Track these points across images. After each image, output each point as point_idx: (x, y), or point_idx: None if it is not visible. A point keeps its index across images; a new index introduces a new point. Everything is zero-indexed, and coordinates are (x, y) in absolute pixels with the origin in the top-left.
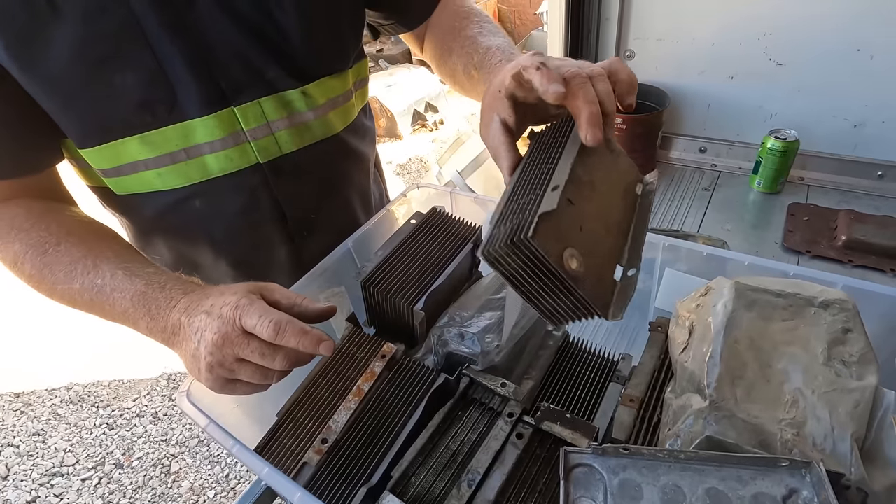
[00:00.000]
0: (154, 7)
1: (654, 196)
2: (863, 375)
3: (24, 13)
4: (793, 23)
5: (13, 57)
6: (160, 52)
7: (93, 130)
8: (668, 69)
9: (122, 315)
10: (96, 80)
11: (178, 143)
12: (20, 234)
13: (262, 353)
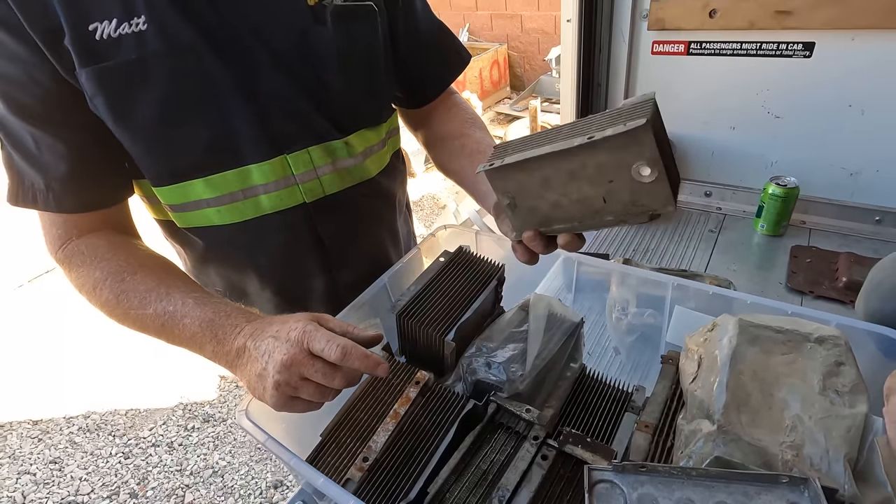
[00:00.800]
0: (225, 71)
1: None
2: (854, 404)
3: (123, 77)
4: (788, 80)
5: (110, 110)
6: (227, 108)
7: (166, 172)
8: (673, 119)
9: (190, 339)
10: (174, 132)
11: (236, 185)
12: (101, 263)
13: (324, 373)
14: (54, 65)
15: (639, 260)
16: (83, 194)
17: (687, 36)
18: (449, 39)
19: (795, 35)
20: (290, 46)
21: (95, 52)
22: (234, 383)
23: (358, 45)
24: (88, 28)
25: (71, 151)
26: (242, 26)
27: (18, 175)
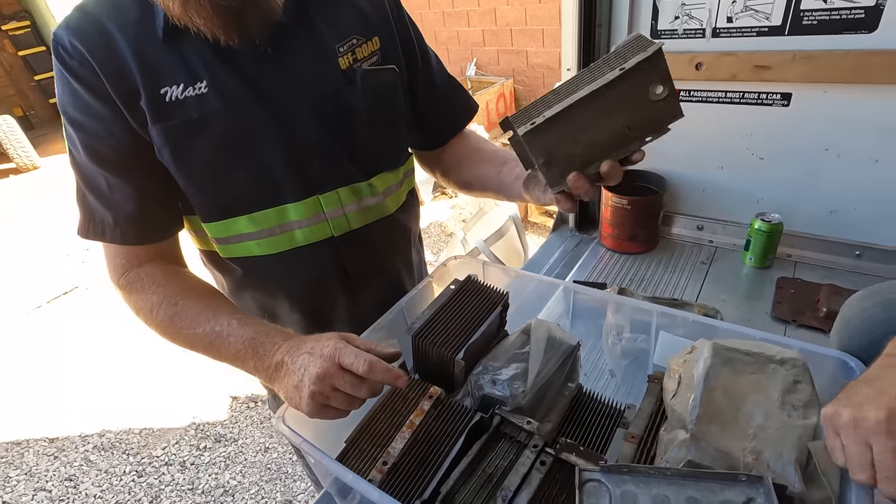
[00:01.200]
0: (271, 127)
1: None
2: (807, 416)
3: (186, 132)
4: (769, 126)
5: (174, 160)
6: (271, 157)
7: (216, 211)
8: (666, 159)
9: (234, 356)
10: (225, 178)
11: (275, 220)
12: (157, 289)
13: (353, 384)
14: (130, 121)
15: (634, 289)
16: (145, 229)
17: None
18: (461, 93)
19: (774, 87)
20: (326, 105)
21: (165, 112)
22: (245, 404)
23: (383, 103)
24: (160, 91)
25: (137, 193)
26: (287, 89)
27: (91, 212)
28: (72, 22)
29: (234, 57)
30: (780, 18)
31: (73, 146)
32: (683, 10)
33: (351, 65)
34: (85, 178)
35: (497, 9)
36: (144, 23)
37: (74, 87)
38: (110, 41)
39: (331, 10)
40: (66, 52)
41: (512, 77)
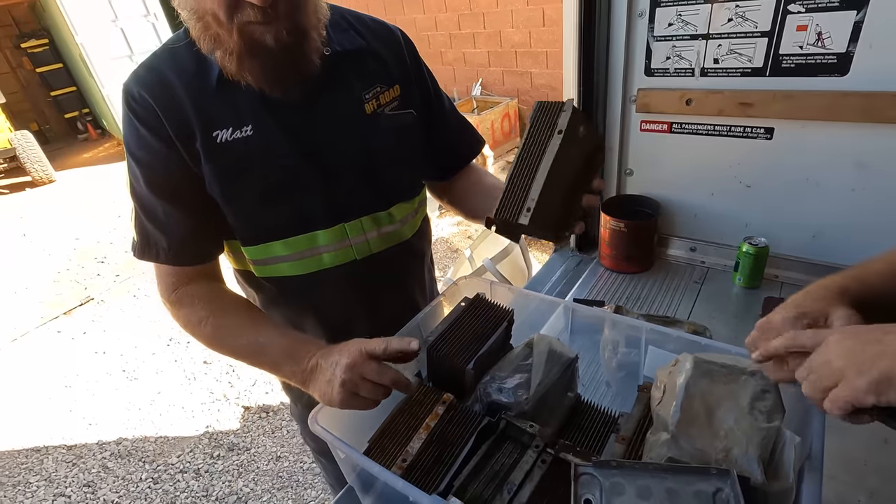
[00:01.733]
0: (306, 166)
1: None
2: (771, 420)
3: (234, 170)
4: (754, 157)
5: (222, 194)
6: (305, 191)
7: (255, 237)
8: (661, 185)
9: (272, 362)
10: (265, 209)
11: (306, 245)
12: (204, 304)
13: (377, 371)
14: (186, 159)
15: (630, 307)
16: (194, 252)
17: (668, 118)
18: (469, 130)
19: (757, 122)
20: (354, 145)
21: (216, 152)
22: (257, 414)
23: (402, 142)
24: (212, 135)
25: (189, 221)
26: (321, 132)
27: (147, 237)
28: (140, 75)
29: (276, 105)
30: (761, 61)
31: (135, 179)
32: (674, 51)
33: (375, 109)
34: (144, 207)
35: (502, 31)
36: (200, 74)
37: (140, 130)
38: (171, 91)
39: (359, 64)
40: (133, 100)
41: (516, 97)
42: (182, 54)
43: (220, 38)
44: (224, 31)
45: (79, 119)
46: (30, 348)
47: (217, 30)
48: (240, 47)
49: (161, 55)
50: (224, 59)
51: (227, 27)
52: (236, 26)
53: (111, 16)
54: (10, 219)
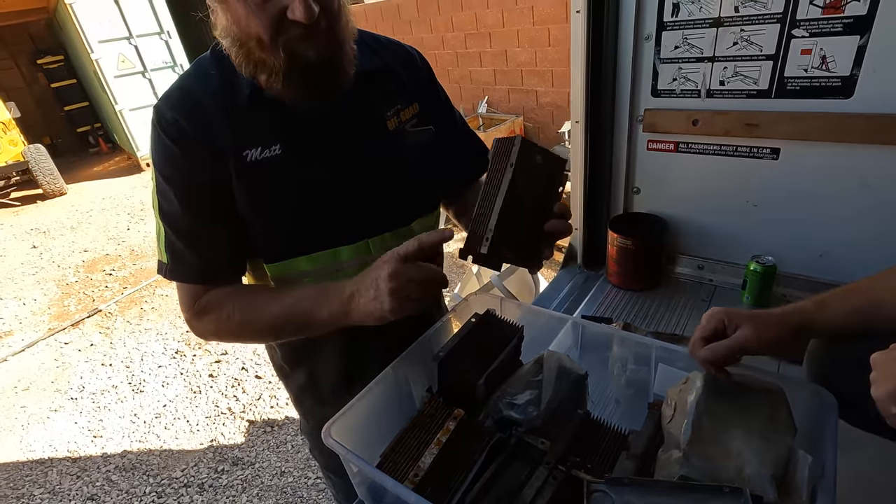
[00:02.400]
0: (332, 183)
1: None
2: (783, 439)
3: (263, 187)
4: (760, 177)
5: (252, 209)
6: (331, 208)
7: (280, 252)
8: (668, 203)
9: (308, 313)
10: (292, 225)
11: (329, 260)
12: (227, 300)
13: (419, 268)
14: (217, 178)
15: (639, 324)
16: (226, 269)
17: (675, 138)
18: (480, 148)
19: (763, 142)
20: (377, 162)
21: (246, 171)
22: (262, 428)
23: (422, 158)
24: (242, 154)
25: (221, 238)
26: (345, 150)
27: (178, 257)
28: (170, 96)
29: (303, 124)
30: (766, 83)
31: (165, 201)
32: (680, 73)
33: (397, 126)
34: (174, 227)
35: (508, 51)
36: (229, 96)
37: (171, 150)
38: (202, 111)
39: (379, 83)
40: (165, 121)
41: (522, 115)
42: (211, 76)
43: (264, 61)
44: (268, 54)
45: (90, 133)
46: (37, 359)
47: (260, 54)
48: (286, 65)
49: (191, 77)
50: (270, 80)
51: (271, 49)
52: (281, 46)
53: (126, 33)
54: (21, 230)
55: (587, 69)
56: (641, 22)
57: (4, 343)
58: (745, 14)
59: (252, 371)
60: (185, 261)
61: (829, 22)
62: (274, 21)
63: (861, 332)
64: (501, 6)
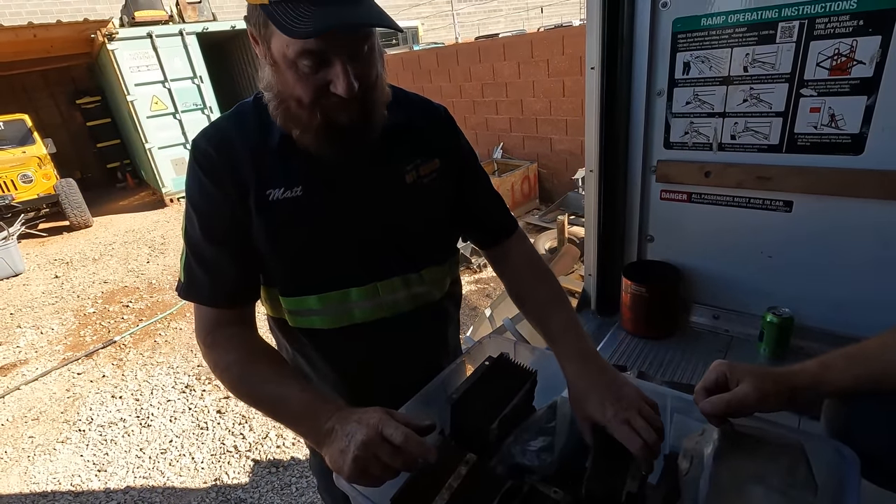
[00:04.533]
0: (347, 228)
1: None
2: (804, 496)
3: (281, 226)
4: (774, 229)
5: (269, 246)
6: (344, 251)
7: (293, 289)
8: (682, 252)
9: (292, 417)
10: (306, 264)
11: (339, 300)
12: (235, 349)
13: (391, 454)
14: (238, 210)
15: (653, 373)
16: (234, 295)
17: (688, 188)
18: (501, 209)
19: (776, 195)
20: (392, 211)
21: (267, 209)
22: (267, 469)
23: (436, 211)
24: (265, 192)
25: (233, 266)
26: (362, 198)
27: (195, 278)
28: (207, 131)
29: (325, 171)
30: (777, 139)
31: (191, 225)
32: (692, 127)
33: (415, 180)
34: (194, 250)
35: (524, 100)
36: (261, 139)
37: (202, 180)
38: (233, 149)
39: (402, 139)
40: (200, 152)
41: (536, 161)
42: (248, 120)
43: (300, 118)
44: (304, 113)
45: (119, 169)
46: (49, 389)
47: (298, 111)
48: (319, 126)
49: (229, 118)
50: (302, 135)
51: (309, 110)
52: (319, 110)
53: (161, 77)
54: (45, 260)
55: (601, 121)
56: (653, 78)
57: (19, 372)
58: (755, 73)
59: None
60: (199, 282)
61: (837, 83)
62: (317, 90)
63: (868, 394)
64: (518, 59)
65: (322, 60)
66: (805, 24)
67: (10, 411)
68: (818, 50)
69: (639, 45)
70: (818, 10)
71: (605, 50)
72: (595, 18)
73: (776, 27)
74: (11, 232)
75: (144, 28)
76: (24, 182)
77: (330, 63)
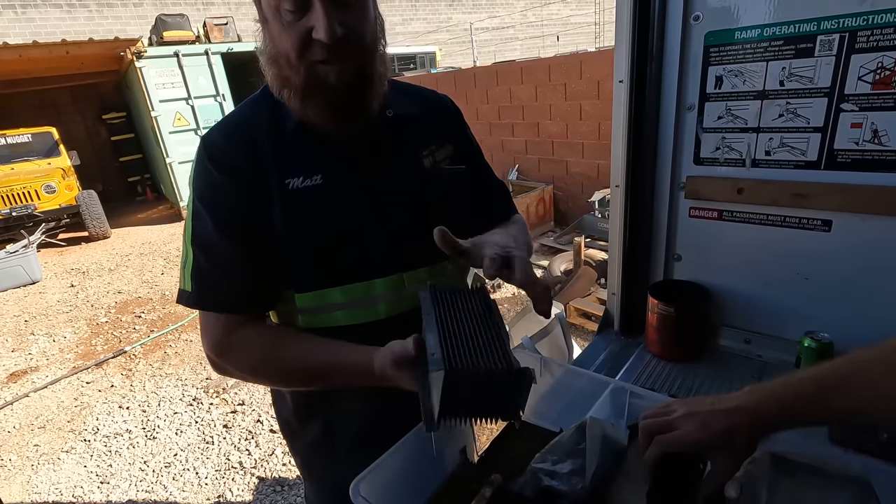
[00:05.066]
0: (371, 213)
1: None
2: None
3: (303, 214)
4: (811, 249)
5: (292, 236)
6: (368, 239)
7: (314, 281)
8: (711, 272)
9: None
10: (331, 253)
11: (363, 293)
12: (258, 338)
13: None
14: (257, 203)
15: (683, 397)
16: (257, 296)
17: (719, 206)
18: (505, 194)
19: (813, 213)
20: (414, 196)
21: (287, 198)
22: (272, 487)
23: (457, 193)
24: (285, 181)
25: (253, 263)
26: (384, 184)
27: (206, 282)
28: (220, 126)
29: (344, 157)
30: (815, 155)
31: (202, 226)
32: (724, 142)
33: (432, 165)
34: (207, 251)
35: (540, 123)
36: (276, 126)
37: (213, 174)
38: (251, 139)
39: (416, 127)
40: (212, 146)
41: (552, 183)
42: (260, 108)
43: (288, 78)
44: (292, 71)
45: (139, 182)
46: (58, 397)
47: (288, 72)
48: (304, 83)
49: (241, 109)
50: (289, 97)
51: (297, 66)
52: (304, 65)
53: (185, 95)
54: (62, 269)
55: (628, 136)
56: (684, 92)
57: (29, 379)
58: (791, 88)
59: (267, 424)
60: (214, 286)
61: (880, 97)
62: (301, 39)
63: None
64: (535, 82)
65: (303, 4)
66: (846, 36)
67: (17, 418)
68: (860, 63)
69: (669, 59)
70: (860, 23)
71: (633, 63)
72: (624, 31)
73: (815, 40)
74: (31, 241)
75: (172, 47)
76: (48, 192)
77: (311, 6)
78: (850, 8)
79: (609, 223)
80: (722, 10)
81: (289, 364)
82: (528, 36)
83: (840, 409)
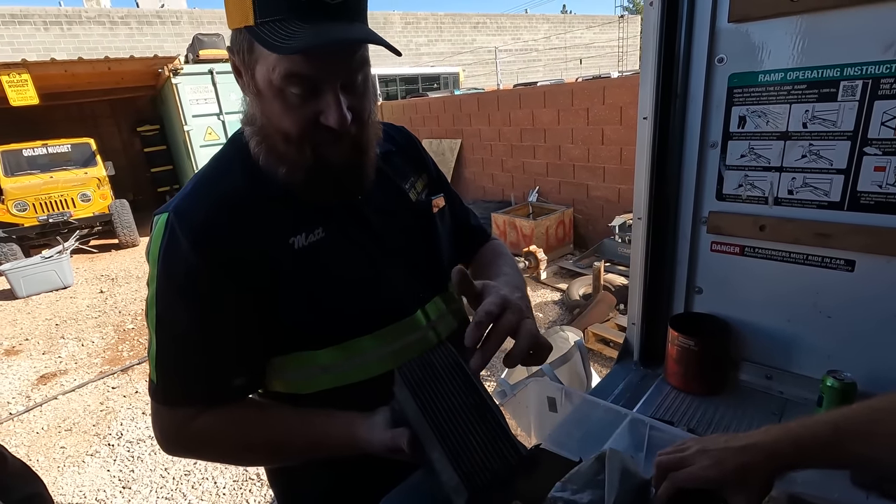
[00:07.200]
0: (375, 252)
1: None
2: None
3: (310, 270)
4: (834, 289)
5: (300, 292)
6: (386, 282)
7: (342, 334)
8: (733, 306)
9: (326, 436)
10: (353, 305)
11: (395, 336)
12: (230, 428)
13: None
14: (253, 280)
15: (703, 431)
16: (244, 384)
17: (741, 241)
18: (475, 217)
19: (836, 253)
20: (411, 232)
21: (294, 259)
22: None
23: (444, 221)
24: (289, 242)
25: (237, 354)
26: (381, 225)
27: (179, 377)
28: (194, 194)
29: (337, 205)
30: (838, 196)
31: (169, 310)
32: (746, 180)
33: (418, 196)
34: (183, 346)
35: (562, 146)
36: (262, 187)
37: (190, 257)
38: (237, 207)
39: (393, 162)
40: (189, 223)
41: (572, 206)
42: (237, 171)
43: (287, 155)
44: (292, 149)
45: (169, 193)
46: (84, 400)
47: (284, 148)
48: (310, 164)
49: (213, 173)
50: (289, 175)
51: (298, 146)
52: (309, 146)
53: (217, 110)
54: (93, 275)
55: (651, 170)
56: (707, 130)
57: (58, 381)
58: (814, 130)
59: None
60: (188, 380)
61: None
62: (307, 123)
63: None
64: (557, 106)
65: (312, 88)
66: (868, 83)
67: (45, 420)
68: (883, 109)
69: (693, 98)
70: (882, 71)
71: (658, 101)
72: (650, 70)
73: (838, 86)
74: (66, 246)
75: (207, 65)
76: (83, 200)
77: (321, 92)
78: (873, 56)
79: (630, 254)
80: (745, 54)
81: (264, 450)
82: (550, 58)
83: (856, 454)
